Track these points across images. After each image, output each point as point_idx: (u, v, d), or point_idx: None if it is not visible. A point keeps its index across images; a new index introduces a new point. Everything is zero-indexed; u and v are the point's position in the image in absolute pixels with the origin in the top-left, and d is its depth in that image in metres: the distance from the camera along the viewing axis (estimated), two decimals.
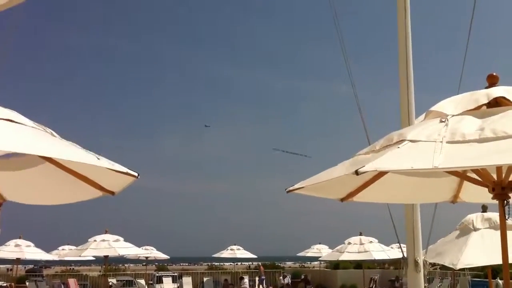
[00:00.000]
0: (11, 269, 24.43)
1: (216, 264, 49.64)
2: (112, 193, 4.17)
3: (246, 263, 47.85)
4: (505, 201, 3.59)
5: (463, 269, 21.18)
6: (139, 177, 3.60)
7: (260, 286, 30.09)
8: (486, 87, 3.79)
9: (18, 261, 22.97)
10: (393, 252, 18.20)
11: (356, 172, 2.87)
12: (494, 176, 3.65)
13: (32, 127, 3.29)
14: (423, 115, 4.12)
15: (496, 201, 3.70)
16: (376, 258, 17.75)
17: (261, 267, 32.14)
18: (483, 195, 4.02)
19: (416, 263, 6.65)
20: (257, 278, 31.11)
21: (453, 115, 3.36)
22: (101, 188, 4.15)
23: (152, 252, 30.50)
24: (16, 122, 3.20)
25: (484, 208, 7.74)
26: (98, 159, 3.19)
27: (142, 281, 29.07)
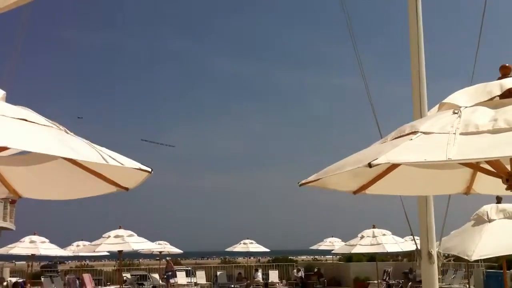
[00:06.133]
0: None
1: (229, 258, 49.80)
2: (126, 189, 4.20)
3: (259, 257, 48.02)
4: None
5: (477, 261, 21.07)
6: (152, 172, 3.62)
7: (171, 281, 28.08)
8: (499, 78, 3.76)
9: (33, 257, 23.21)
10: (406, 244, 18.16)
11: (369, 165, 2.86)
12: (508, 167, 3.62)
13: (45, 125, 3.32)
14: (436, 107, 4.10)
15: (510, 192, 3.68)
16: (389, 250, 17.74)
17: (170, 262, 30.14)
18: (497, 186, 4.00)
19: (430, 255, 6.63)
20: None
21: (466, 107, 3.34)
22: (115, 183, 4.17)
23: (166, 247, 30.61)
24: (30, 121, 3.23)
25: (499, 199, 7.71)
26: (107, 158, 3.21)
27: (156, 276, 29.23)
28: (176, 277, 29.32)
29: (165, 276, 28.59)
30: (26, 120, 3.20)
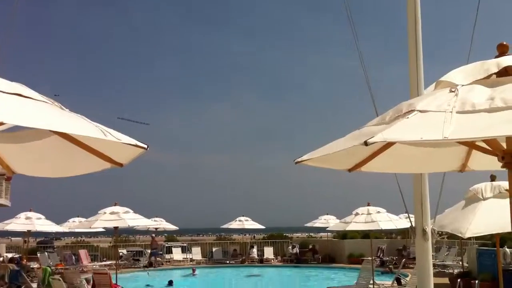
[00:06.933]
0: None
1: (225, 235, 50.11)
2: (121, 165, 4.19)
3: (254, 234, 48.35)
4: None
5: (470, 238, 21.26)
6: (148, 148, 3.61)
7: (153, 258, 28.49)
8: (496, 56, 3.74)
9: (28, 233, 23.29)
10: (400, 222, 18.27)
11: (365, 143, 2.86)
12: (504, 145, 3.63)
13: (40, 100, 3.29)
14: (433, 86, 4.09)
15: (505, 169, 3.69)
16: (383, 228, 17.82)
17: (154, 239, 30.60)
18: (492, 163, 4.01)
19: (424, 232, 6.68)
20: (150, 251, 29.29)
21: (463, 85, 3.33)
22: (109, 160, 4.17)
23: (161, 223, 30.78)
24: (25, 96, 3.20)
25: (493, 177, 7.74)
26: (105, 133, 3.20)
27: None
28: (161, 253, 29.61)
29: (151, 253, 28.76)
30: (21, 95, 3.18)
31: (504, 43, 3.80)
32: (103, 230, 24.71)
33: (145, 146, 3.60)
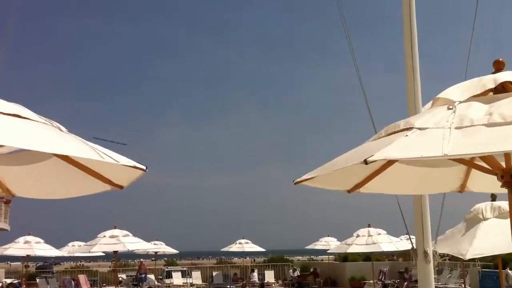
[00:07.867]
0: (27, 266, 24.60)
1: (225, 258, 49.74)
2: (121, 187, 4.18)
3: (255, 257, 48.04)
4: None
5: (472, 260, 21.09)
6: (147, 170, 3.60)
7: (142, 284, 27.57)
8: (493, 73, 3.76)
9: (28, 258, 23.11)
10: (402, 243, 18.16)
11: (365, 162, 2.84)
12: (503, 163, 3.62)
13: (38, 121, 3.29)
14: (430, 103, 4.09)
15: (503, 190, 3.67)
16: (385, 250, 17.70)
17: (143, 264, 30.02)
18: (490, 184, 4.00)
19: (425, 254, 6.63)
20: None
21: (460, 102, 3.33)
22: (109, 182, 4.15)
23: (161, 247, 30.56)
24: (23, 118, 3.20)
25: (494, 197, 7.69)
26: (103, 155, 3.19)
27: (152, 276, 29.16)
28: (160, 278, 29.24)
29: (139, 278, 28.34)
30: (19, 116, 3.18)
31: (500, 59, 3.82)
32: (103, 254, 24.55)
33: (144, 167, 3.59)
